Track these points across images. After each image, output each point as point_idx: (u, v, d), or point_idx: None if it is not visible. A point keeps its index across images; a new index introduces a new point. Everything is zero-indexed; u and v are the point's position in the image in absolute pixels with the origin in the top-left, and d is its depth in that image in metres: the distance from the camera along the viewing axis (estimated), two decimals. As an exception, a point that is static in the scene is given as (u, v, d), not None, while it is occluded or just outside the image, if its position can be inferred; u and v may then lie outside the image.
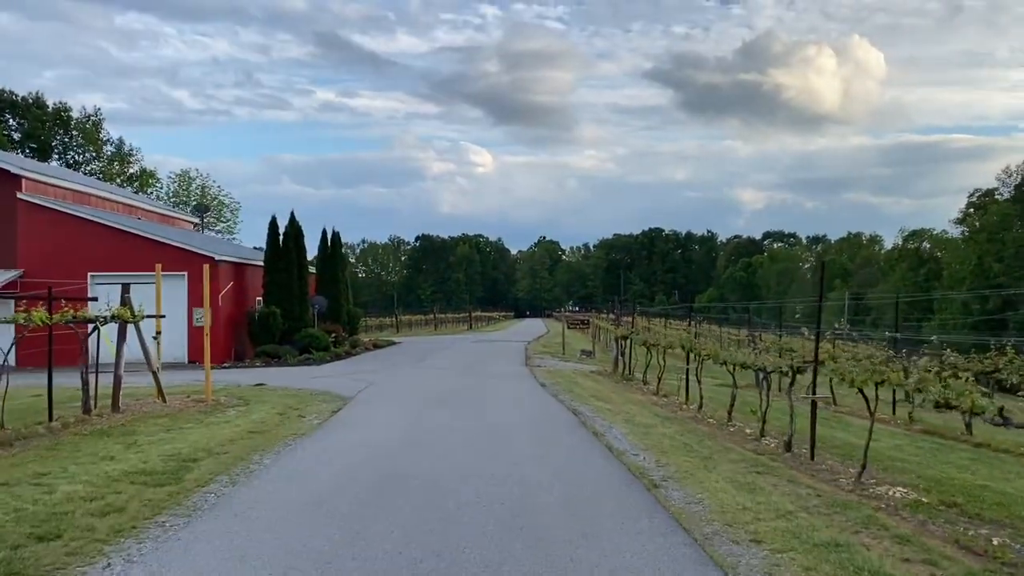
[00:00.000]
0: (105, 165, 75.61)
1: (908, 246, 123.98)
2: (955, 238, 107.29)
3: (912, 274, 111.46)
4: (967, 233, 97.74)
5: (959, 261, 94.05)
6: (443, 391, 17.77)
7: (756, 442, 12.74)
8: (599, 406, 15.62)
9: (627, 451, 10.71)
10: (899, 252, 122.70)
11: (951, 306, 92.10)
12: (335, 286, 37.92)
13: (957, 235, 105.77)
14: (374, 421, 12.91)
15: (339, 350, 32.63)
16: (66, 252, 27.41)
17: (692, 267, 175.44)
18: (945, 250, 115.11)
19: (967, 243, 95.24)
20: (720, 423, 14.84)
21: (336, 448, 10.39)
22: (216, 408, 14.35)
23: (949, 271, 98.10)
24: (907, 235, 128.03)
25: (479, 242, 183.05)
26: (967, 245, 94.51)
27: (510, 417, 13.55)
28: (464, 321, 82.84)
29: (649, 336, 22.21)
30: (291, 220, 32.63)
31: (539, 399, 16.68)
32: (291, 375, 22.56)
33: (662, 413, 15.93)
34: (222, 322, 28.88)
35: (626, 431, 12.52)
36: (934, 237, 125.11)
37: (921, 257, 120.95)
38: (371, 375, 22.00)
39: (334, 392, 17.25)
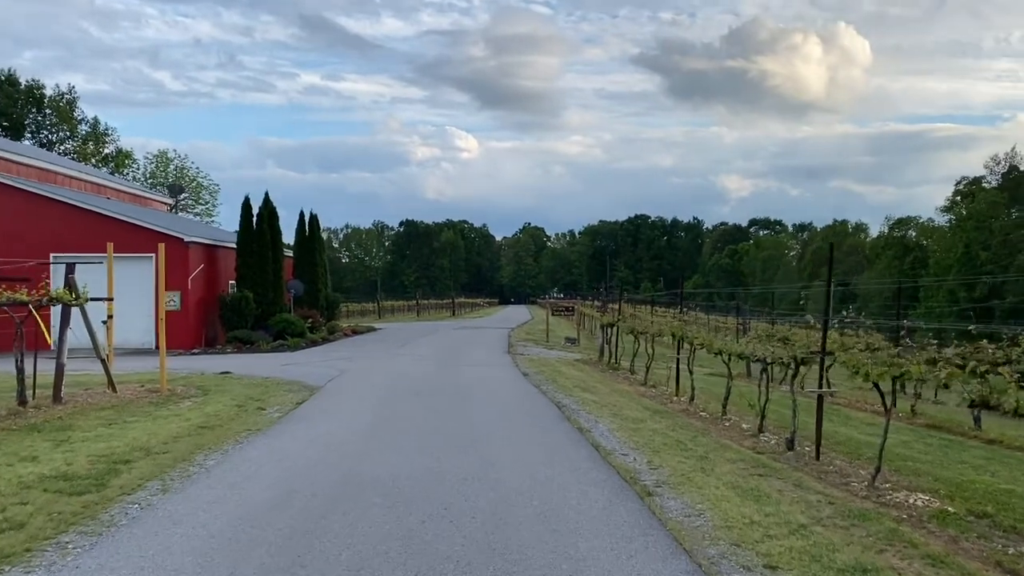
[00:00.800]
0: (80, 145, 73.74)
1: (894, 234, 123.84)
2: (941, 226, 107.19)
3: (898, 262, 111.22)
4: (954, 221, 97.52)
5: (946, 249, 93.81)
6: (419, 381, 16.71)
7: (754, 438, 11.78)
8: (584, 398, 14.61)
9: (615, 451, 9.70)
10: (885, 240, 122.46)
11: (937, 294, 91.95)
12: (313, 270, 36.71)
13: (943, 223, 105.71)
14: (340, 415, 11.84)
15: (315, 336, 31.50)
16: (27, 232, 26.07)
17: (677, 254, 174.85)
18: (931, 238, 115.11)
19: (954, 231, 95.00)
20: (714, 417, 13.87)
21: (292, 446, 9.32)
22: (170, 399, 13.23)
23: (936, 259, 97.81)
24: (893, 223, 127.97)
25: (464, 228, 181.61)
26: (954, 233, 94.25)
27: (488, 411, 12.51)
28: (447, 307, 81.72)
29: (636, 324, 21.22)
30: (265, 201, 31.39)
31: (520, 390, 15.66)
32: (262, 362, 21.44)
33: (651, 406, 14.94)
34: (192, 306, 27.70)
35: (614, 426, 11.51)
36: (920, 225, 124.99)
37: (907, 245, 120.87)
38: (345, 363, 20.90)
39: (302, 381, 16.16)
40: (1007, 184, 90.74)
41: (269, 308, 29.93)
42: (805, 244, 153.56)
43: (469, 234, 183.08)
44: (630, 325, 20.71)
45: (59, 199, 26.84)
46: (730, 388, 13.77)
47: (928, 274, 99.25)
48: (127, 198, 37.32)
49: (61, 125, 72.61)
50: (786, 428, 13.11)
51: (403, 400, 13.57)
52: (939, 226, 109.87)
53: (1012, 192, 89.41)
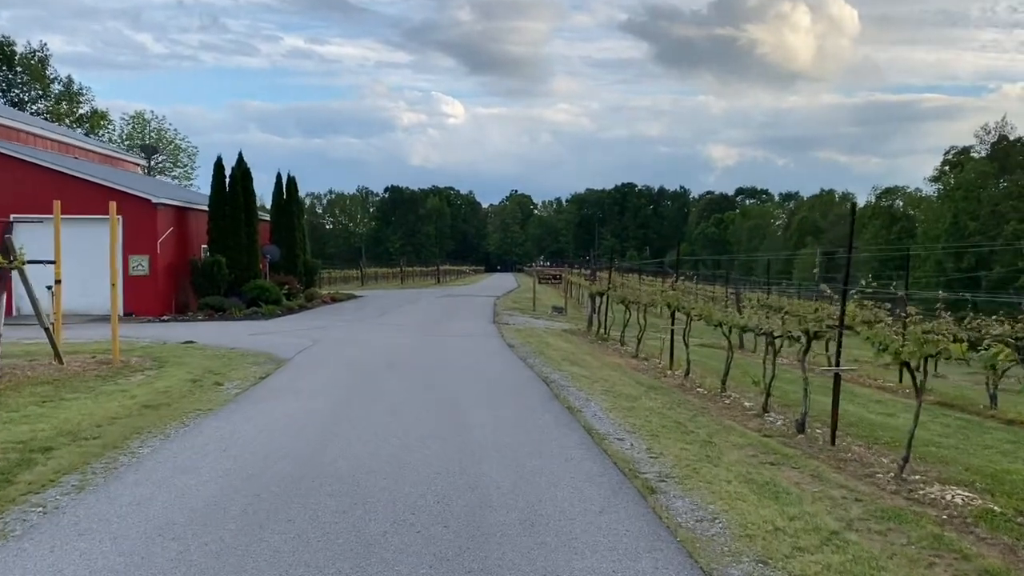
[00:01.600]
0: (53, 104, 71.43)
1: (881, 204, 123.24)
2: (929, 196, 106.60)
3: (885, 232, 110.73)
4: (942, 191, 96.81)
5: (934, 219, 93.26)
6: (397, 353, 15.61)
7: (759, 419, 10.79)
8: (574, 372, 13.57)
9: (610, 434, 8.66)
10: (872, 210, 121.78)
11: (924, 264, 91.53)
12: (291, 235, 35.40)
13: (931, 193, 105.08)
14: (304, 392, 10.73)
15: (292, 304, 30.29)
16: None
17: (664, 223, 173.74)
18: (919, 208, 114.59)
19: (942, 201, 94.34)
20: (712, 393, 12.88)
21: (245, 431, 8.21)
22: (121, 372, 12.07)
23: (924, 229, 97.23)
24: (880, 193, 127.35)
25: (450, 195, 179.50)
26: (942, 203, 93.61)
27: (471, 387, 11.43)
28: (432, 275, 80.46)
29: (627, 293, 20.16)
30: (239, 161, 29.93)
31: (506, 364, 14.59)
32: (231, 330, 20.26)
33: (645, 380, 13.93)
34: (162, 271, 26.41)
35: (607, 405, 10.47)
36: (908, 195, 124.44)
37: (894, 215, 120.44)
38: (319, 333, 19.76)
39: (270, 352, 15.02)
40: (996, 154, 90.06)
41: (243, 274, 28.65)
42: (791, 213, 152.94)
43: (455, 201, 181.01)
44: (621, 295, 19.65)
45: (17, 156, 25.32)
46: (730, 362, 12.76)
47: (916, 244, 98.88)
48: (97, 158, 35.71)
49: (33, 84, 70.27)
50: (791, 407, 12.15)
51: (377, 376, 12.47)
52: (927, 196, 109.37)
53: (1002, 162, 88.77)
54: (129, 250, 25.87)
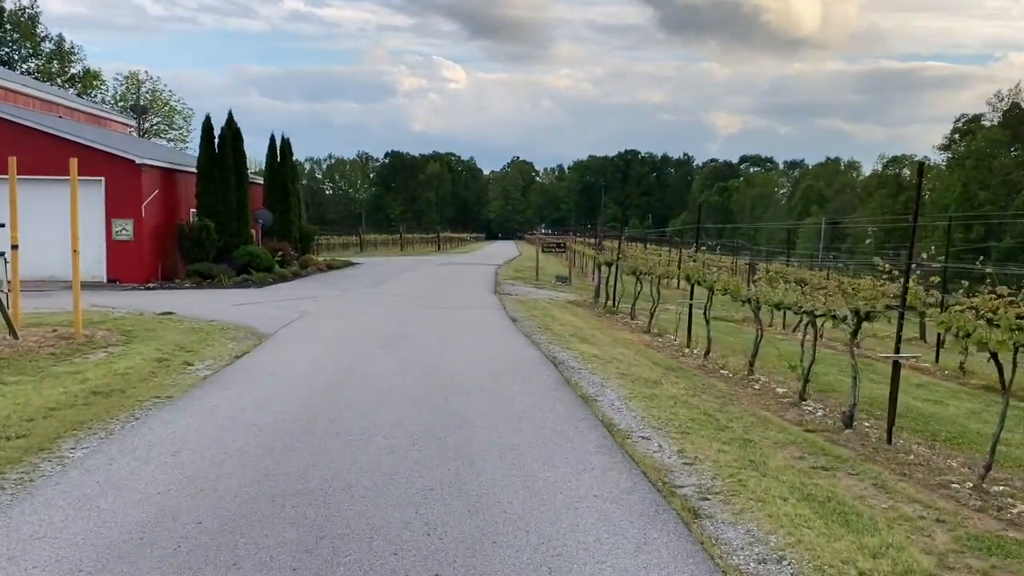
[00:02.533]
0: (44, 63, 69.55)
1: (888, 173, 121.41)
2: (938, 165, 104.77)
3: (891, 201, 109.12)
4: (952, 160, 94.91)
5: (944, 188, 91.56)
6: (390, 328, 14.35)
7: (795, 408, 9.55)
8: (584, 351, 12.30)
9: (633, 431, 7.41)
10: (879, 178, 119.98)
11: (932, 234, 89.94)
12: (285, 199, 33.95)
13: (940, 162, 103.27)
14: (282, 375, 9.47)
15: (285, 271, 28.97)
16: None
17: (667, 191, 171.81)
18: (927, 177, 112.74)
19: (952, 170, 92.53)
20: (737, 376, 11.63)
21: (204, 426, 6.96)
22: (81, 349, 10.82)
23: (932, 198, 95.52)
24: (887, 161, 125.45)
25: (450, 161, 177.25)
26: (952, 172, 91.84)
27: (471, 371, 10.16)
28: (432, 242, 79.05)
29: (639, 263, 18.85)
30: (229, 121, 28.43)
31: (509, 341, 13.33)
32: (217, 300, 18.99)
33: (662, 361, 12.68)
34: (147, 236, 25.05)
35: (625, 392, 9.21)
36: (915, 164, 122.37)
37: (900, 184, 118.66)
38: (310, 303, 18.49)
39: (253, 326, 13.75)
40: (1009, 122, 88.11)
41: (233, 239, 27.30)
42: (796, 182, 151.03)
43: (456, 167, 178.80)
44: (632, 265, 18.34)
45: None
46: (759, 343, 11.49)
47: (923, 214, 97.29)
48: (83, 118, 34.17)
49: (23, 42, 68.33)
50: (827, 393, 10.93)
51: (366, 355, 11.20)
52: (935, 165, 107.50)
53: (1014, 130, 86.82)
54: (112, 213, 24.53)
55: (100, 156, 24.33)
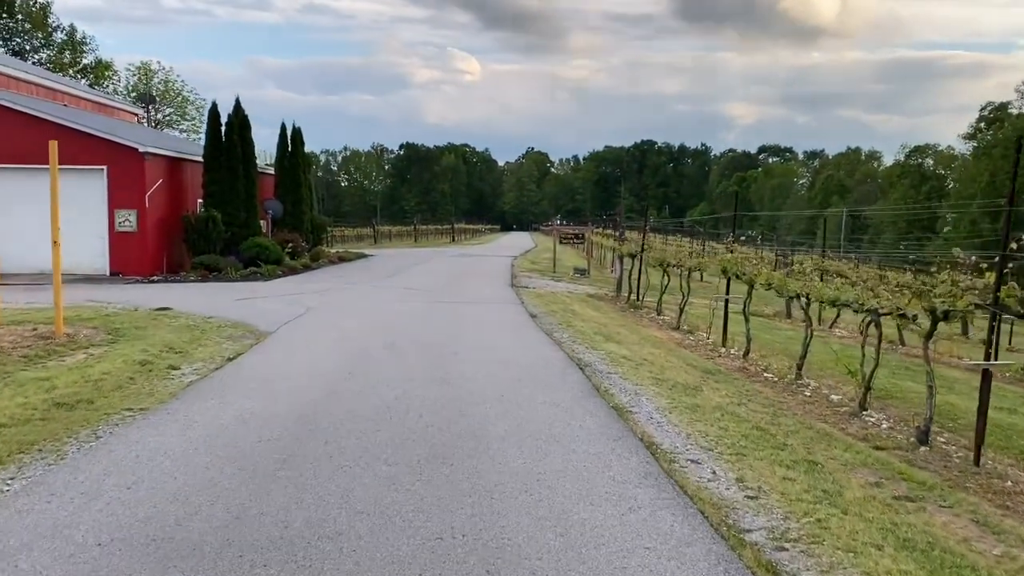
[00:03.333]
0: (55, 54, 68.95)
1: (910, 162, 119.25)
2: (961, 154, 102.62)
3: (914, 191, 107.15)
4: (978, 148, 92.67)
5: (970, 178, 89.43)
6: (399, 326, 13.29)
7: (856, 420, 8.42)
8: (612, 351, 11.19)
9: (680, 453, 6.32)
10: (901, 168, 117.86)
11: (958, 224, 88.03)
12: (296, 190, 32.96)
13: (964, 151, 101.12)
14: (274, 382, 8.42)
15: (295, 263, 27.98)
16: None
17: (684, 181, 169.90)
18: (951, 167, 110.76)
19: (977, 159, 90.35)
20: (782, 379, 10.50)
21: (173, 448, 5.91)
22: (59, 350, 9.82)
23: (959, 188, 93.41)
24: (909, 151, 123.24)
25: (465, 152, 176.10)
26: (977, 161, 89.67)
27: (488, 377, 9.06)
28: (447, 233, 78.05)
29: (667, 255, 17.69)
30: (236, 108, 27.42)
31: (528, 340, 12.23)
32: (219, 294, 18.01)
33: (698, 362, 11.55)
34: (152, 227, 24.13)
35: (664, 403, 8.10)
36: (939, 153, 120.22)
37: (923, 173, 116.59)
38: (317, 298, 17.47)
39: (252, 323, 12.73)
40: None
41: (241, 231, 26.33)
42: (816, 172, 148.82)
43: (471, 158, 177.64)
44: (660, 257, 17.17)
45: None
46: (808, 343, 10.33)
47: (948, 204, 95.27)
48: (90, 107, 33.31)
49: (34, 33, 67.74)
50: (885, 400, 9.78)
51: (372, 357, 10.13)
52: (959, 154, 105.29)
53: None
54: (115, 204, 23.63)
55: (102, 144, 23.43)
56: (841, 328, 19.40)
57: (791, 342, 15.76)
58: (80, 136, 23.19)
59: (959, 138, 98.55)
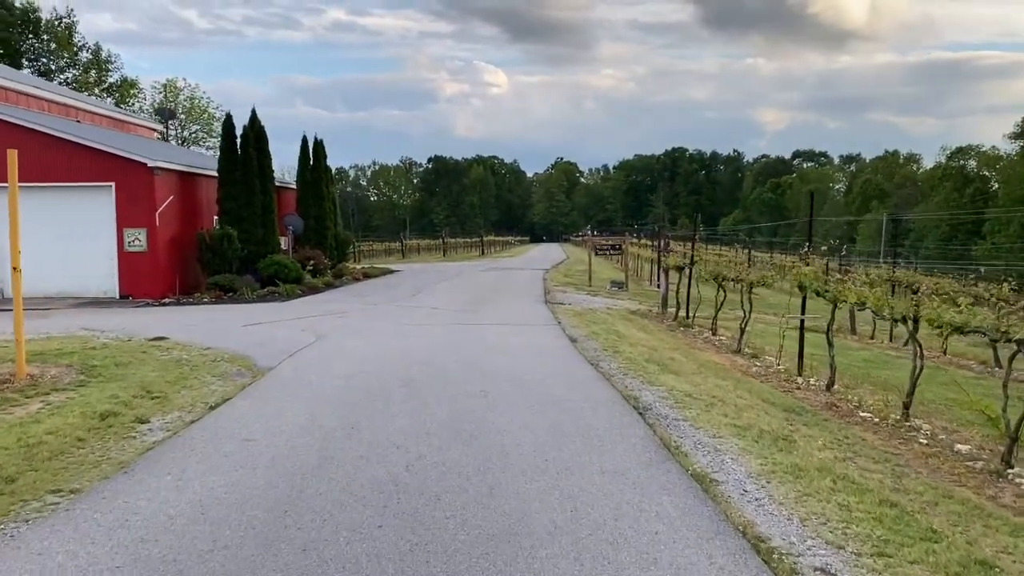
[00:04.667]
0: (81, 73, 68.73)
1: (952, 164, 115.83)
2: (1009, 155, 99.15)
3: (957, 195, 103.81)
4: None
5: (1019, 179, 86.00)
6: (420, 355, 11.54)
7: (1001, 480, 6.50)
8: (672, 387, 9.34)
9: (797, 555, 4.48)
10: (943, 171, 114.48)
11: (1006, 228, 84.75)
12: (319, 204, 31.51)
13: (1011, 151, 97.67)
14: (261, 439, 6.70)
15: (317, 282, 26.48)
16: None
17: (716, 189, 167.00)
18: (996, 167, 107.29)
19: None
20: (883, 420, 8.58)
21: (85, 568, 4.19)
22: (12, 398, 8.19)
23: (1006, 190, 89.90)
24: (951, 153, 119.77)
25: (493, 164, 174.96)
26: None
27: (522, 429, 7.23)
28: (476, 246, 76.47)
29: (720, 267, 15.79)
30: (252, 120, 26.02)
31: (570, 372, 10.41)
32: (229, 318, 16.45)
33: (775, 396, 9.66)
34: (163, 247, 22.72)
35: (756, 465, 6.24)
36: (983, 155, 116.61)
37: (967, 176, 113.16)
38: (332, 321, 15.82)
39: (251, 356, 11.07)
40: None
41: (258, 248, 24.88)
42: (853, 176, 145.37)
43: (499, 170, 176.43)
44: (714, 270, 15.27)
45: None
46: (917, 376, 8.40)
47: (995, 207, 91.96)
48: (105, 122, 32.18)
49: (60, 52, 67.57)
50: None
51: (382, 402, 8.35)
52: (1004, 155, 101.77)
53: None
54: (124, 222, 22.26)
55: (108, 159, 22.11)
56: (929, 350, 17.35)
57: (870, 366, 13.80)
58: (84, 150, 21.89)
59: (1005, 138, 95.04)
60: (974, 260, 71.06)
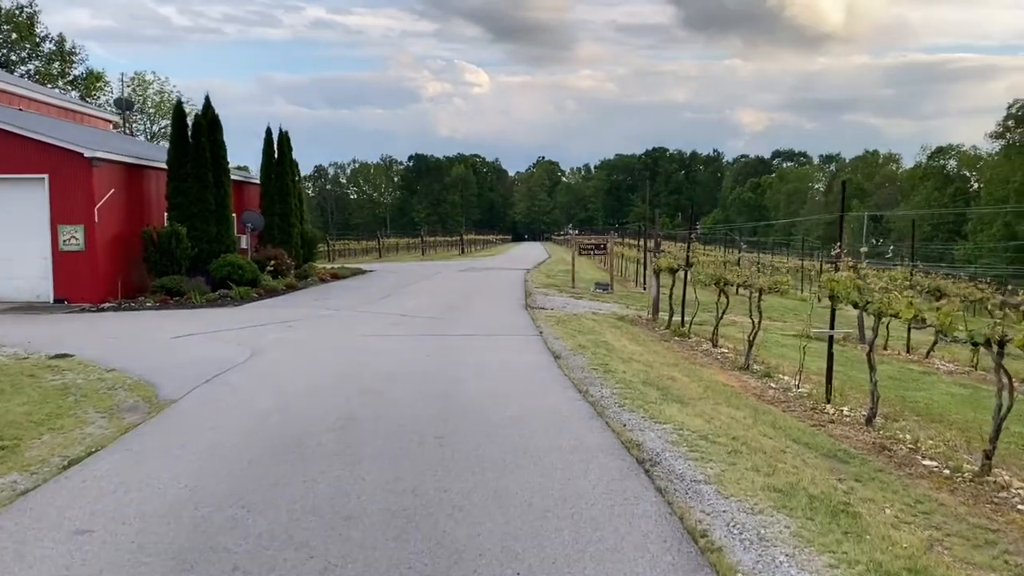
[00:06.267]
0: (44, 65, 65.89)
1: (932, 164, 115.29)
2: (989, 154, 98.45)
3: (938, 194, 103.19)
4: (1009, 147, 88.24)
5: (1001, 178, 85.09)
6: (371, 379, 9.52)
7: None
8: (679, 423, 7.37)
9: None
10: (923, 170, 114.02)
11: (990, 227, 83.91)
12: (284, 201, 29.35)
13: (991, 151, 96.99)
14: (100, 530, 4.68)
15: (277, 284, 24.36)
16: None
17: (696, 188, 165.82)
18: (977, 168, 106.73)
19: (1010, 158, 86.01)
20: (954, 471, 6.68)
21: None
22: None
23: (988, 189, 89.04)
24: (931, 152, 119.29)
25: (475, 162, 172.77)
26: (1010, 160, 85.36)
27: (489, 503, 5.19)
28: (456, 245, 74.34)
29: (725, 272, 13.86)
30: (205, 108, 23.87)
31: (554, 405, 8.41)
32: (160, 327, 14.35)
33: (807, 434, 7.73)
34: (104, 245, 20.54)
35: (823, 564, 4.29)
36: (963, 155, 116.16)
37: (948, 175, 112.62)
38: (280, 331, 13.76)
39: (158, 381, 8.99)
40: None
41: (211, 247, 22.72)
42: (833, 176, 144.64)
43: (481, 169, 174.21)
44: (715, 273, 13.33)
45: None
46: (1004, 414, 6.49)
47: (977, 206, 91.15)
48: (56, 112, 29.75)
49: (21, 42, 64.69)
50: None
51: (300, 457, 6.23)
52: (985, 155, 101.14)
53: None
54: (58, 219, 20.07)
55: (41, 149, 19.89)
56: (941, 358, 15.55)
57: (899, 385, 11.93)
58: (13, 139, 19.66)
59: (987, 137, 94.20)
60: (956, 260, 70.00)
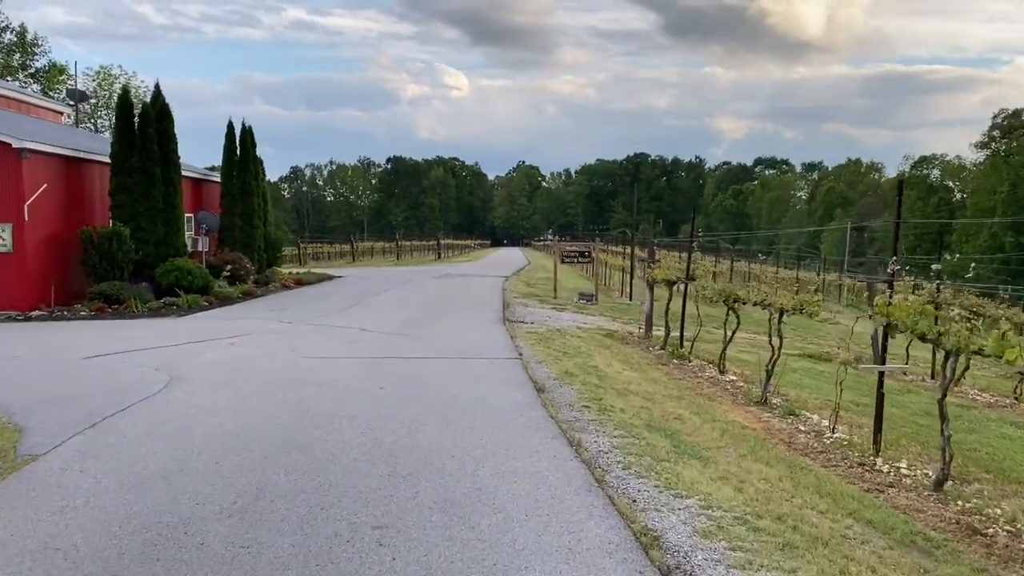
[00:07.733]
0: (3, 56, 63.17)
1: (916, 173, 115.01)
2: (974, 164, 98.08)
3: (921, 204, 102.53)
4: (995, 157, 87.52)
5: (988, 189, 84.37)
6: (308, 422, 7.57)
7: None
8: (701, 490, 5.52)
9: None
10: (907, 179, 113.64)
11: (973, 239, 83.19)
12: (247, 201, 27.27)
13: (976, 160, 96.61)
14: None
15: (232, 291, 22.27)
16: None
17: (678, 195, 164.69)
18: (961, 177, 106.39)
19: (996, 168, 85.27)
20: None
21: None
22: None
23: (974, 200, 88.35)
24: (915, 162, 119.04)
25: (454, 166, 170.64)
26: (996, 171, 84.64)
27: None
28: (432, 249, 72.19)
29: (731, 285, 12.03)
30: (155, 97, 21.80)
31: (537, 472, 6.50)
32: (77, 345, 12.29)
33: (871, 508, 5.89)
34: (34, 247, 18.49)
35: None
36: (946, 164, 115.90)
37: (931, 185, 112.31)
38: (215, 351, 11.76)
39: (30, 425, 7.00)
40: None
41: (158, 250, 20.67)
42: (815, 185, 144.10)
43: (460, 172, 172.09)
44: (724, 290, 11.47)
45: None
46: None
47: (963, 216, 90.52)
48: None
49: (-21, 34, 61.98)
50: None
51: (171, 562, 4.41)
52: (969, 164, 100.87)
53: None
54: (-19, 218, 17.95)
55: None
56: (972, 386, 13.83)
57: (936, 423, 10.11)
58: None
59: (971, 147, 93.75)
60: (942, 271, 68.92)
